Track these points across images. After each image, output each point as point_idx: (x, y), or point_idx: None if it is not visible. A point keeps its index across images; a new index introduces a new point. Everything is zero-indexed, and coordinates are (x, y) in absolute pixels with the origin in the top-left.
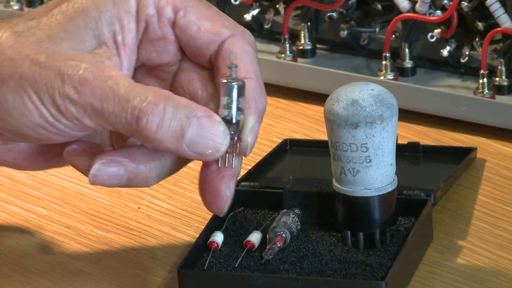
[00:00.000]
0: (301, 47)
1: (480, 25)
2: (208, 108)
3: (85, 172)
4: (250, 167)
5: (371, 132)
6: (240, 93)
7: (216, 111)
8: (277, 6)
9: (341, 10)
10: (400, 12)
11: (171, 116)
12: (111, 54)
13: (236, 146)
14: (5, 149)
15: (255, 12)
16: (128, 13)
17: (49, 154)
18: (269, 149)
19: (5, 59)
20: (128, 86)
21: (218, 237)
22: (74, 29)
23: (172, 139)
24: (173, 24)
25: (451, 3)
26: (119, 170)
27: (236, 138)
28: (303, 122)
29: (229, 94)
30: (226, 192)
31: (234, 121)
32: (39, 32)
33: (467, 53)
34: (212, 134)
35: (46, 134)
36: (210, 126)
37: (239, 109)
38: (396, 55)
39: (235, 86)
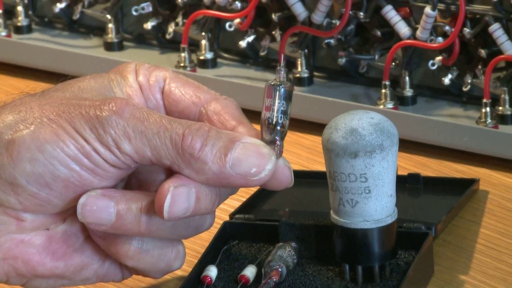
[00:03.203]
0: (298, 75)
1: (482, 52)
2: None
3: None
4: (244, 199)
5: (371, 161)
6: (287, 97)
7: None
8: (273, 32)
9: (339, 37)
10: (400, 39)
11: (215, 136)
12: None
13: (277, 152)
14: (17, 240)
15: (250, 39)
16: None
17: (72, 241)
18: None
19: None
20: (165, 115)
21: (212, 271)
22: (92, 95)
23: (216, 159)
24: (162, 91)
25: (453, 29)
26: (109, 204)
27: (278, 143)
28: (300, 153)
29: (274, 97)
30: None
31: (277, 122)
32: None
33: (469, 81)
34: (257, 153)
35: (79, 171)
36: (255, 147)
37: (283, 112)
38: (396, 83)
39: (282, 89)
